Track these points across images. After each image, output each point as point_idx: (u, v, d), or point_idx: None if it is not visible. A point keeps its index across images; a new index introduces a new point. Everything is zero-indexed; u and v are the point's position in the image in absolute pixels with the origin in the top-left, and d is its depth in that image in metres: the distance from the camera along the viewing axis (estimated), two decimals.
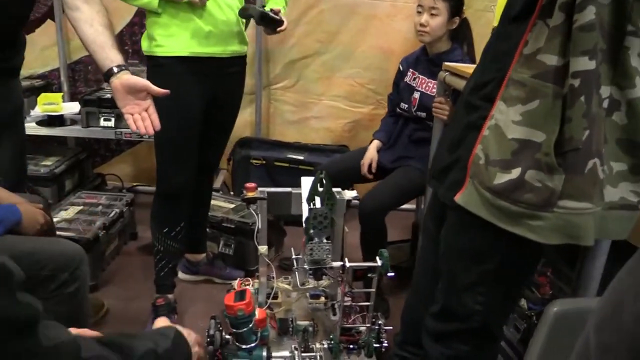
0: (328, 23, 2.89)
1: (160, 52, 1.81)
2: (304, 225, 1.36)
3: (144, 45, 1.85)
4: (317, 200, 1.37)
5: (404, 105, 2.23)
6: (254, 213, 1.57)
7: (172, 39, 1.79)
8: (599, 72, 0.90)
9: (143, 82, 1.48)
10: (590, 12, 0.88)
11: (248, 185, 1.57)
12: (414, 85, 2.20)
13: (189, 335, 1.01)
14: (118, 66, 1.48)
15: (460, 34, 2.16)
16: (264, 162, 2.97)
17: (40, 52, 2.95)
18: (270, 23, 1.81)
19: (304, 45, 2.95)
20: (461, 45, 2.15)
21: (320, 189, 1.39)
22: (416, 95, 2.18)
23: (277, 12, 1.82)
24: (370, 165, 2.23)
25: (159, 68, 1.83)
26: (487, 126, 0.99)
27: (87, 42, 1.53)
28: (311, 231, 1.33)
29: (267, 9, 1.83)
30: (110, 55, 1.49)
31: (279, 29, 1.84)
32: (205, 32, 1.79)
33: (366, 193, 2.08)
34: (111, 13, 1.67)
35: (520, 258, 1.07)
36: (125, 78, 1.47)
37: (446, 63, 1.81)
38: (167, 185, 1.94)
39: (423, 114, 2.16)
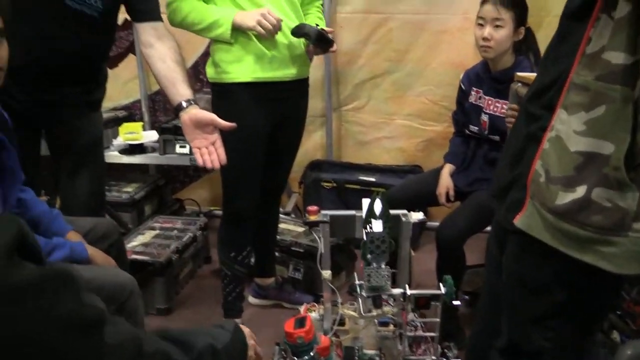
0: (397, 41, 2.84)
1: (226, 78, 1.83)
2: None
3: (210, 72, 1.89)
4: (375, 223, 1.31)
5: (473, 128, 2.11)
6: (316, 237, 1.54)
7: (237, 65, 1.81)
8: None
9: (210, 116, 1.51)
10: None
11: (310, 208, 1.56)
12: (482, 106, 2.07)
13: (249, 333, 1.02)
14: (187, 101, 1.53)
15: (525, 45, 2.00)
16: (335, 184, 2.93)
17: (123, 85, 3.13)
18: (325, 43, 1.79)
19: (374, 65, 2.91)
20: (527, 56, 1.99)
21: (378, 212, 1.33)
22: (485, 117, 2.05)
23: (329, 33, 1.80)
24: (447, 194, 2.12)
25: (225, 94, 1.86)
26: (547, 138, 0.88)
27: (159, 77, 1.61)
28: (368, 256, 1.27)
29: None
30: (180, 91, 1.54)
31: (331, 49, 1.82)
32: (269, 57, 1.80)
33: (444, 219, 1.99)
34: (184, 45, 1.72)
35: (593, 289, 0.93)
36: (193, 112, 1.51)
37: (518, 73, 1.69)
38: (232, 209, 1.96)
39: (496, 137, 2.02)
